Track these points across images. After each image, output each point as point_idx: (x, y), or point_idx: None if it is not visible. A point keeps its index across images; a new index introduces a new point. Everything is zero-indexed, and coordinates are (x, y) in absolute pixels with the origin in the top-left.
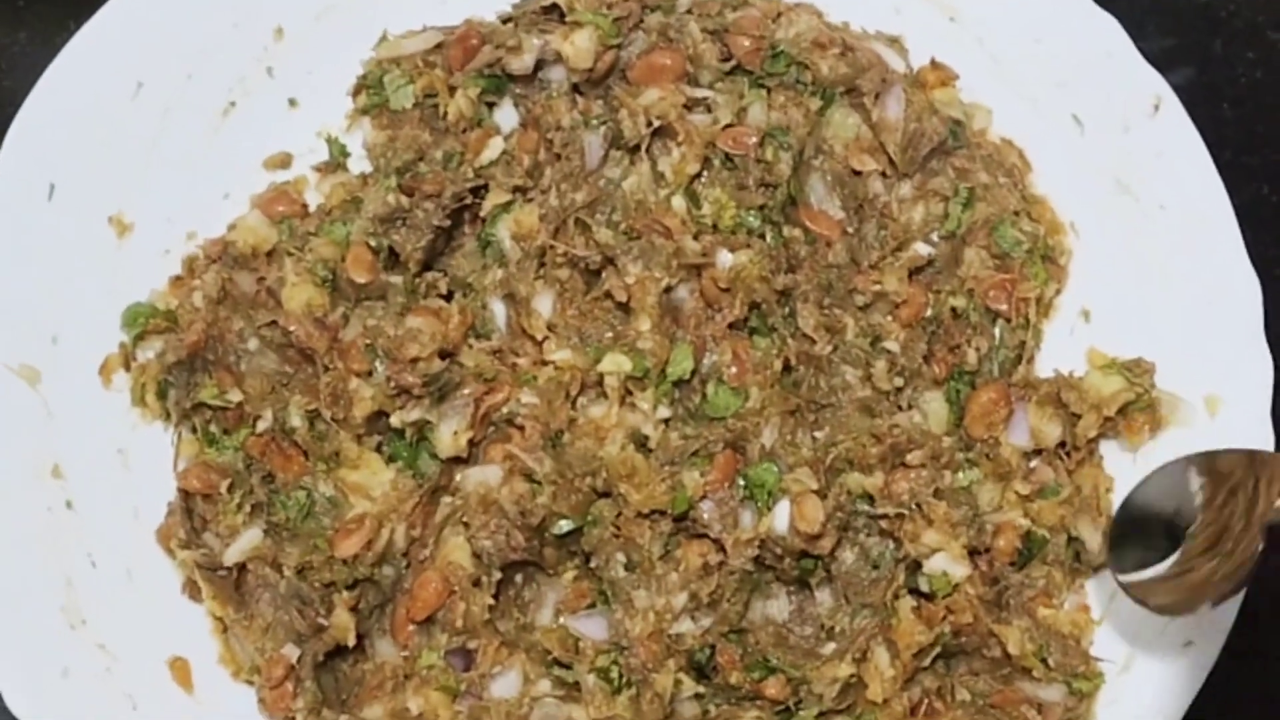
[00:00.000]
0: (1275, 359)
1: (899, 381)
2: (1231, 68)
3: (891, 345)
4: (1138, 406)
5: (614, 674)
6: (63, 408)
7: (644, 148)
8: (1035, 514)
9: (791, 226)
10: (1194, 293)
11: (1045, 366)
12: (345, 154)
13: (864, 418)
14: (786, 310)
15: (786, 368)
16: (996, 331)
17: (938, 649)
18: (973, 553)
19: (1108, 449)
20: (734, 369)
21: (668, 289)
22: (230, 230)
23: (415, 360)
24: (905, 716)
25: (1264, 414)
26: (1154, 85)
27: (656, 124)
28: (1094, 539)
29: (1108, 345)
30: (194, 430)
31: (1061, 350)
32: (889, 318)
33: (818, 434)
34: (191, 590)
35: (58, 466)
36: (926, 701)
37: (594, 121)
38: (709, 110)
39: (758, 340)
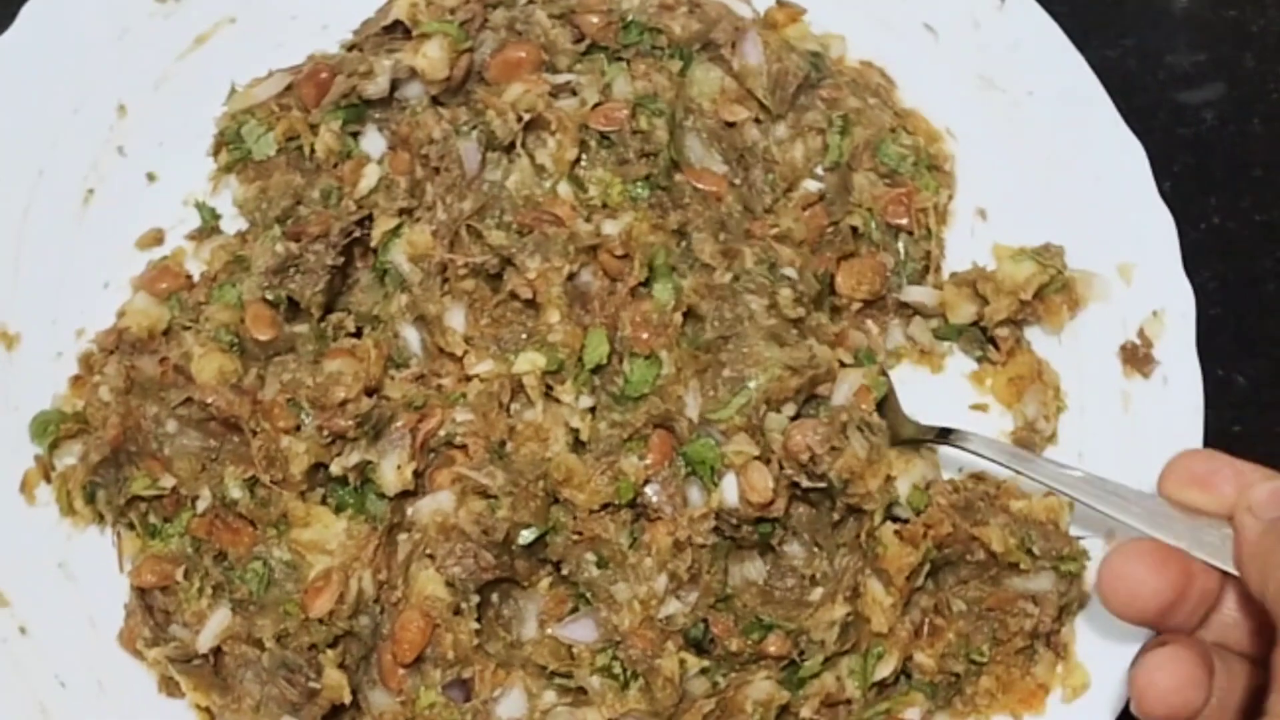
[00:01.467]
0: None
1: (801, 311)
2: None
3: (789, 271)
4: (1053, 288)
5: (617, 670)
6: None
7: (519, 144)
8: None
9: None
10: (1081, 169)
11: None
12: (216, 216)
13: (773, 347)
14: (684, 246)
15: (687, 316)
16: (900, 246)
17: (927, 566)
18: None
19: (1033, 337)
20: (643, 335)
21: (570, 276)
22: (120, 318)
23: (344, 403)
24: (911, 640)
25: (1176, 269)
26: None
27: (527, 118)
28: (1039, 410)
29: (1010, 239)
30: (131, 526)
31: (965, 253)
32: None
33: (728, 373)
34: (169, 687)
35: (2, 594)
36: (926, 621)
37: (464, 128)
38: (574, 94)
39: (656, 296)
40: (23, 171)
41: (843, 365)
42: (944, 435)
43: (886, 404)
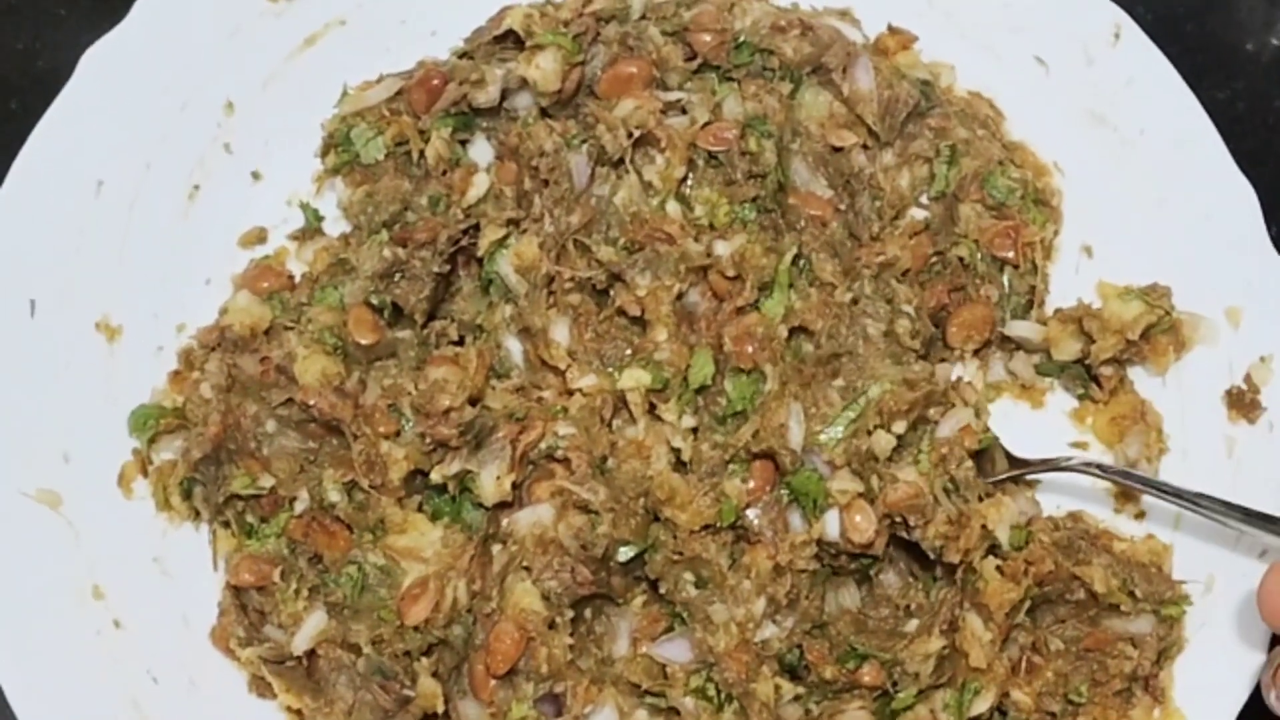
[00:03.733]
0: None
1: (917, 344)
2: None
3: (907, 308)
4: (1160, 329)
5: (711, 692)
6: (89, 526)
7: (628, 159)
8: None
9: (787, 214)
10: (1190, 210)
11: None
12: (320, 218)
13: (890, 364)
14: (801, 265)
15: (794, 333)
16: (1005, 280)
17: (1027, 603)
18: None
19: (1136, 377)
20: (746, 349)
21: (679, 295)
22: (222, 315)
23: (448, 411)
24: (1009, 677)
25: None
26: (1111, 14)
27: (637, 134)
28: (1141, 450)
29: (1115, 277)
30: (227, 524)
31: (1069, 290)
32: (900, 281)
33: (840, 383)
34: (259, 688)
35: (97, 587)
36: (1025, 658)
37: (574, 141)
38: (684, 112)
39: (765, 309)
40: (130, 165)
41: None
42: (1045, 465)
43: (989, 451)
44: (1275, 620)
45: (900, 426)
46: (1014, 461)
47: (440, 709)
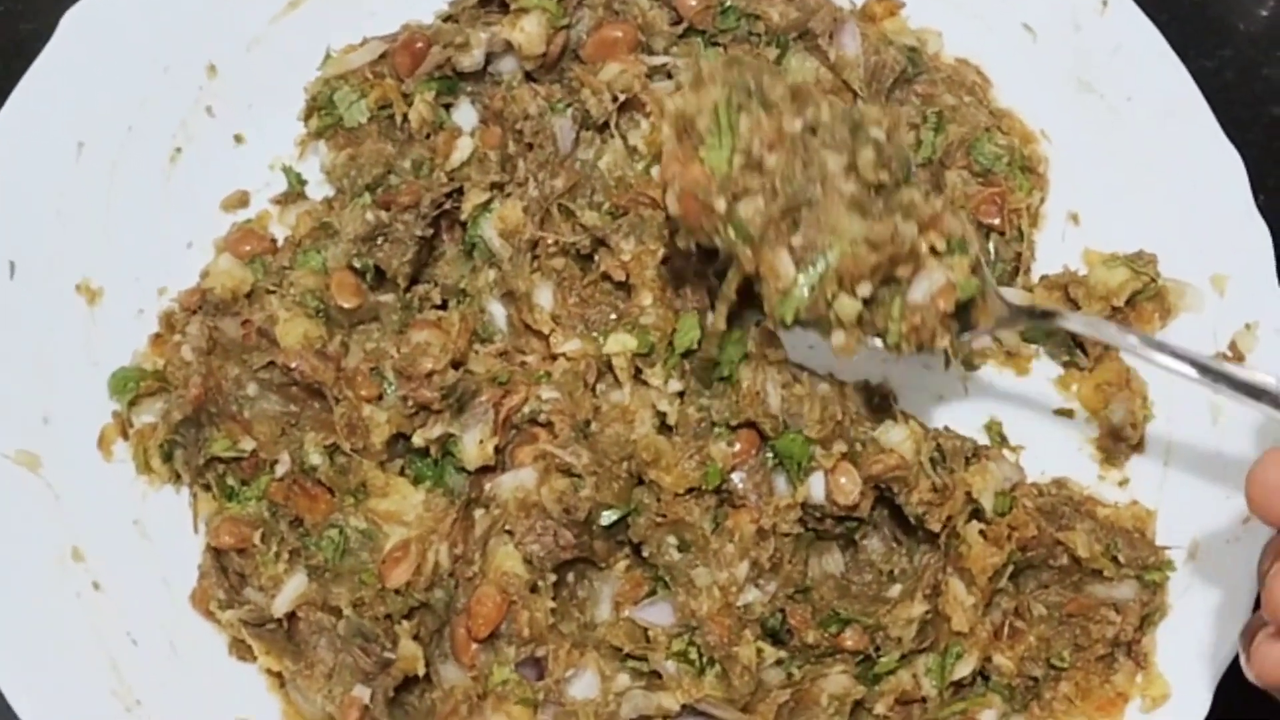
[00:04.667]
0: None
1: (885, 176)
2: None
3: (876, 132)
4: (1145, 295)
5: (693, 656)
6: (68, 488)
7: (612, 124)
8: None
9: None
10: (1177, 178)
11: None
12: (302, 181)
13: (854, 218)
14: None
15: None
16: (991, 246)
17: (1010, 568)
18: None
19: None
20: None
21: (664, 260)
22: (203, 278)
23: (431, 374)
24: (991, 641)
25: (1271, 281)
26: None
27: (622, 98)
28: (1125, 417)
29: (1101, 244)
30: (208, 487)
31: (1055, 257)
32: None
33: (799, 240)
34: (240, 650)
35: (76, 549)
36: (1007, 623)
37: (559, 105)
38: (669, 76)
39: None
40: (112, 127)
41: (933, 252)
42: (1044, 316)
43: (979, 300)
44: (1262, 510)
45: (866, 289)
46: (1012, 311)
47: (421, 672)
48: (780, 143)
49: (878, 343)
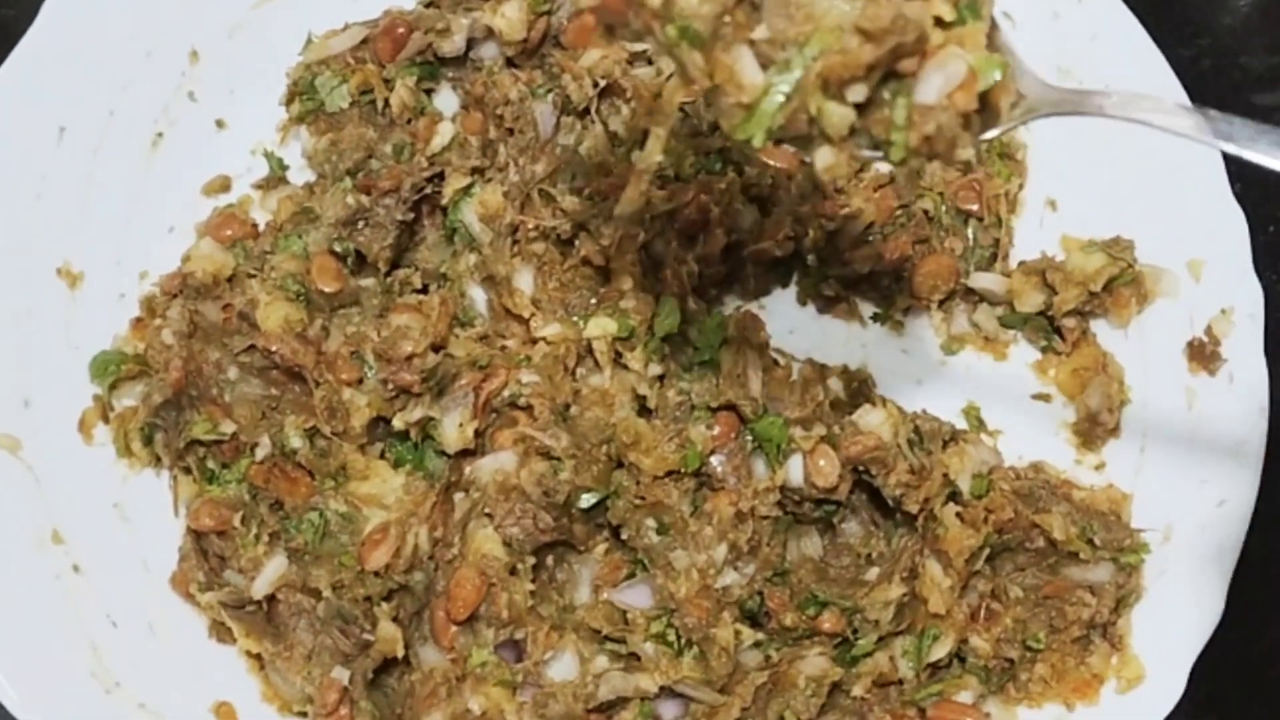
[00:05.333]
0: None
1: None
2: None
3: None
4: (1122, 281)
5: (671, 638)
6: (49, 472)
7: (593, 109)
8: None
9: (751, 166)
10: (1154, 165)
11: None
12: (284, 166)
13: None
14: None
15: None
16: (970, 232)
17: (986, 550)
18: None
19: (1098, 329)
20: None
21: (644, 245)
22: (185, 262)
23: (411, 358)
24: (967, 624)
25: (1246, 266)
26: None
27: (602, 84)
28: (1102, 401)
29: (1079, 231)
30: (188, 470)
31: (1033, 243)
32: None
33: (761, 34)
34: (219, 632)
35: (56, 531)
36: (984, 605)
37: (540, 91)
38: (650, 62)
39: None
40: (94, 111)
41: (940, 24)
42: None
43: (1002, 84)
44: None
45: (860, 93)
46: (1043, 90)
47: (400, 654)
48: None
49: (878, 157)
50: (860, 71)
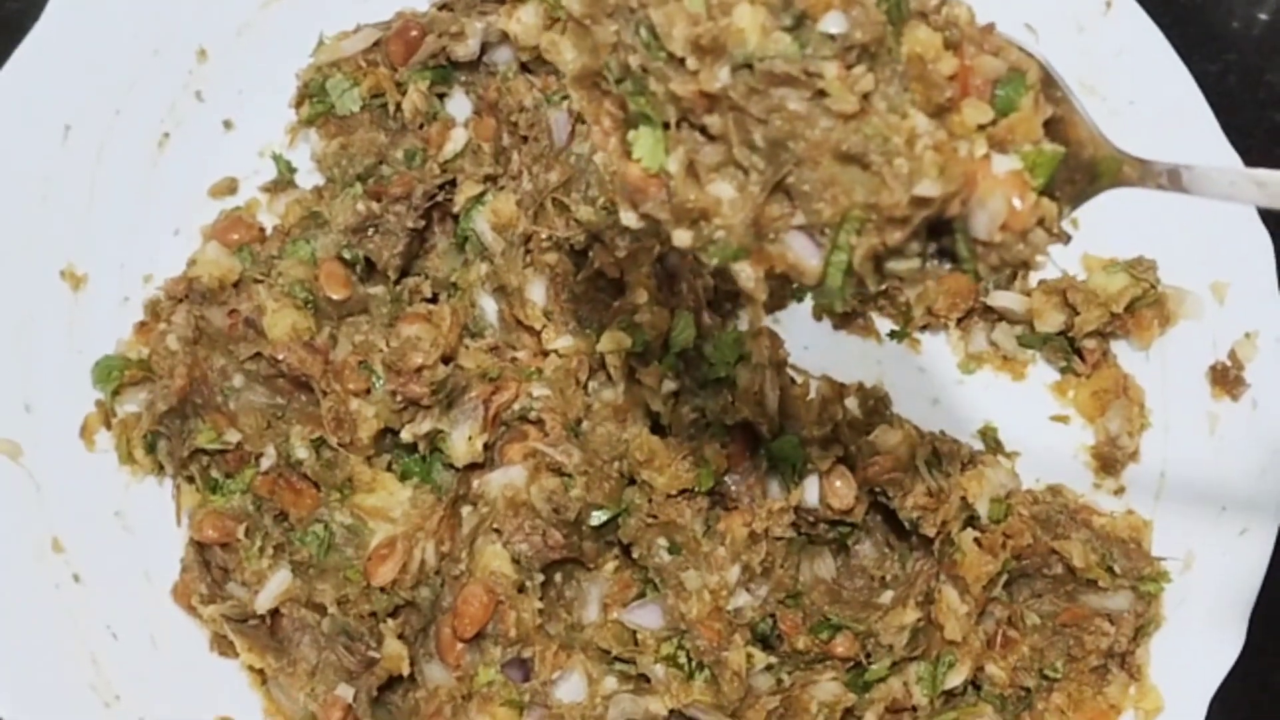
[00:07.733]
0: None
1: (869, 84)
2: None
3: (832, 25)
4: (1144, 302)
5: (682, 660)
6: (49, 478)
7: None
8: (1074, 404)
9: None
10: None
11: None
12: (292, 169)
13: (851, 169)
14: None
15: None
16: None
17: (1004, 576)
18: None
19: (1119, 351)
20: None
21: (659, 257)
22: (190, 266)
23: (420, 369)
24: (984, 651)
25: (1272, 289)
26: None
27: None
28: (1122, 425)
29: (1100, 250)
30: (191, 479)
31: (1054, 260)
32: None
33: (798, 221)
34: (221, 646)
35: (56, 540)
36: (1000, 632)
37: (555, 98)
38: None
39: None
40: (99, 111)
41: (979, 129)
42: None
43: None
44: None
45: (914, 249)
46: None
47: (405, 671)
48: (715, 103)
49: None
50: (902, 237)
